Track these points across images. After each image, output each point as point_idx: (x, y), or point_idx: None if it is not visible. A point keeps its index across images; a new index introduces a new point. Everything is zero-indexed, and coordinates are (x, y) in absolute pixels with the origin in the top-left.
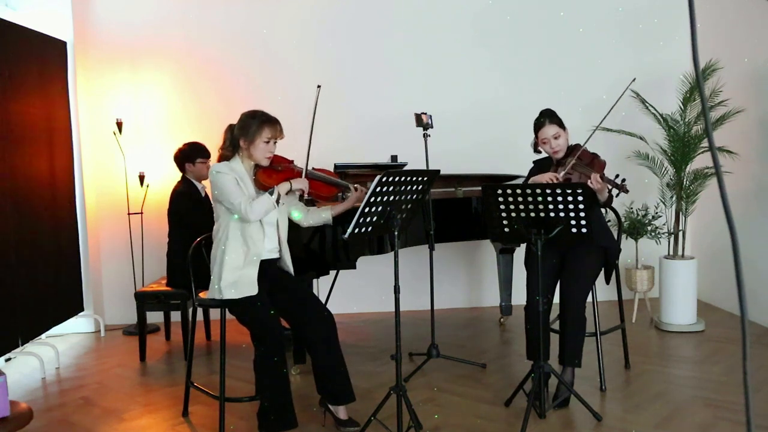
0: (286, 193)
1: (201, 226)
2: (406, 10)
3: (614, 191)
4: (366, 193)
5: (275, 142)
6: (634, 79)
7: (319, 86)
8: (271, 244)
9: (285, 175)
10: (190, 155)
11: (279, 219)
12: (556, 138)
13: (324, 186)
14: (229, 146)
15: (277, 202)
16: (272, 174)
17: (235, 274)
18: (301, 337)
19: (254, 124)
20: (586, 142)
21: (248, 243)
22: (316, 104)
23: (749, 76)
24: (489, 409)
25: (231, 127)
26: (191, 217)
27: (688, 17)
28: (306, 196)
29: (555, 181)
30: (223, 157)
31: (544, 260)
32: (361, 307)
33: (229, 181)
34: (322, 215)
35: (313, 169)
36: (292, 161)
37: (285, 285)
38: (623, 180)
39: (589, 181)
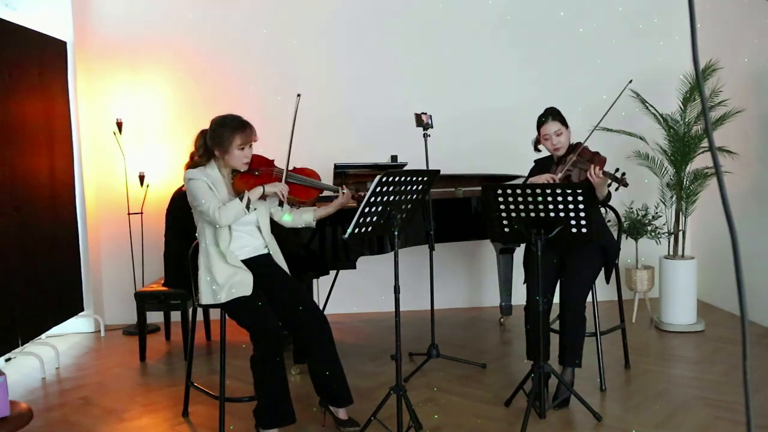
0: (259, 198)
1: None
2: (405, 10)
3: (613, 186)
4: (364, 195)
5: (250, 146)
6: (630, 81)
7: (299, 95)
8: (257, 242)
9: (262, 180)
10: None
11: (259, 219)
12: (557, 135)
13: (303, 189)
14: (204, 153)
15: (248, 207)
16: (249, 179)
17: (223, 276)
18: (297, 341)
19: (226, 133)
20: (586, 140)
21: (219, 245)
22: (296, 112)
23: (749, 76)
24: (489, 409)
25: (203, 133)
26: (187, 219)
27: (688, 17)
28: (284, 201)
29: (552, 182)
30: (197, 164)
31: (544, 260)
32: (361, 307)
33: (200, 186)
34: (303, 216)
35: (295, 169)
36: (272, 161)
37: (282, 286)
38: (623, 174)
39: (588, 174)
